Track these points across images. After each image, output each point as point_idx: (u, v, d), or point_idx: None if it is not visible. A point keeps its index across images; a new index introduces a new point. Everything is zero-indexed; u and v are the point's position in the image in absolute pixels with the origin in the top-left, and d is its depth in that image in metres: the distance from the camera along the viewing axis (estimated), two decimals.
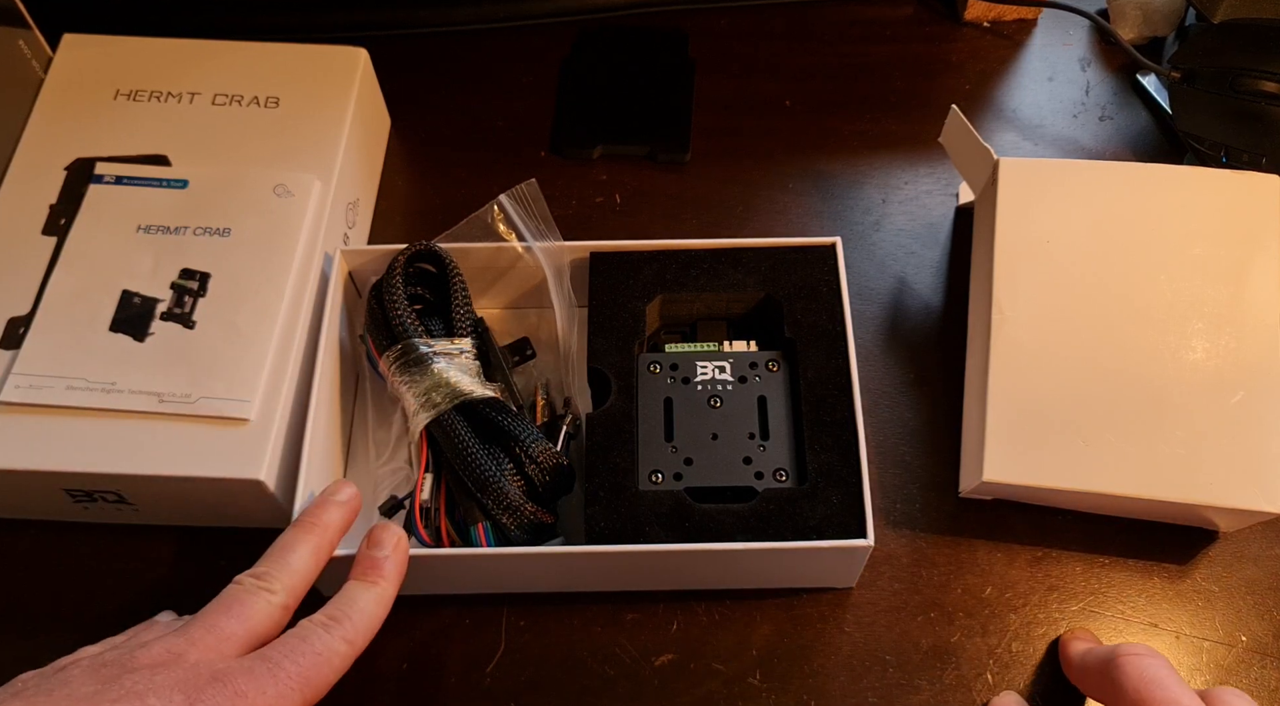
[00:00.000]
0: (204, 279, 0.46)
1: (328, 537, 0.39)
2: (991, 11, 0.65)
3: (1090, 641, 0.44)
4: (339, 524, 0.40)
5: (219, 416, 0.43)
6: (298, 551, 0.38)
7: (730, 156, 0.60)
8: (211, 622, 0.35)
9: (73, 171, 0.49)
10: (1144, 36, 0.63)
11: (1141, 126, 0.61)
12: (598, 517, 0.42)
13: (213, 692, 0.32)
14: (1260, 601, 0.46)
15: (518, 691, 0.44)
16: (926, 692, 0.44)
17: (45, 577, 0.46)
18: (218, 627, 0.34)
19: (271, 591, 0.36)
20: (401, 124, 0.61)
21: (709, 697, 0.44)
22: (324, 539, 0.39)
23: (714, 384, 0.46)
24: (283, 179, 0.49)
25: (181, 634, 0.34)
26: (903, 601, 0.46)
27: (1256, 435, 0.44)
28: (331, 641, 0.35)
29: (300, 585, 0.37)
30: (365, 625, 0.37)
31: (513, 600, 0.46)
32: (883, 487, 0.49)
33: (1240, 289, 0.47)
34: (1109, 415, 0.45)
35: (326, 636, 0.35)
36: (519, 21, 0.64)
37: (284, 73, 0.53)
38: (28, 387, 0.43)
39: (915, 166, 0.59)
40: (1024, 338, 0.47)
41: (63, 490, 0.44)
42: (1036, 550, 0.48)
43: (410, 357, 0.44)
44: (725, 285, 0.48)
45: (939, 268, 0.56)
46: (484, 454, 0.42)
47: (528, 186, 0.49)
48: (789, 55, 0.64)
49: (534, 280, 0.50)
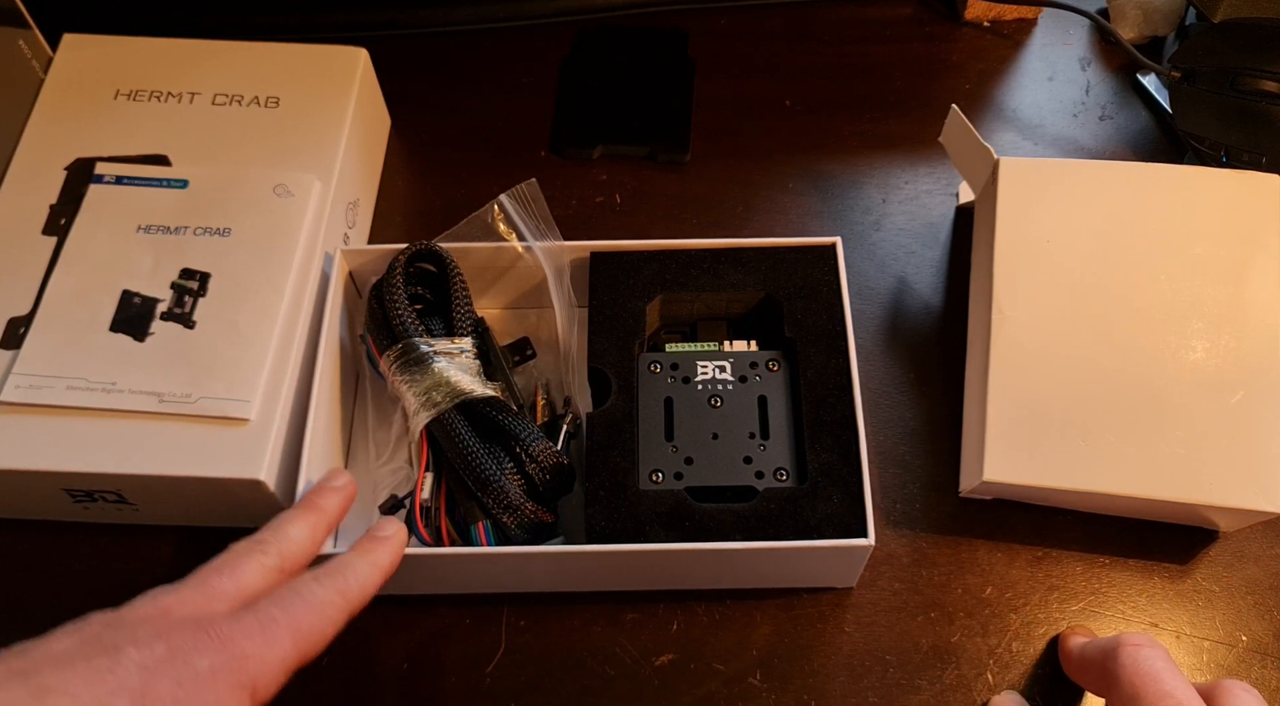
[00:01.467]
0: (204, 279, 0.46)
1: (325, 519, 0.39)
2: (991, 11, 0.65)
3: (1089, 638, 0.44)
4: (336, 508, 0.40)
5: (219, 416, 0.43)
6: (296, 524, 0.38)
7: (730, 156, 0.60)
8: (202, 578, 0.34)
9: (73, 171, 0.49)
10: (1144, 36, 0.63)
11: (1141, 126, 0.61)
12: (598, 517, 0.42)
13: (196, 639, 0.32)
14: (1260, 601, 0.46)
15: (518, 691, 0.44)
16: (927, 692, 0.44)
17: (45, 577, 0.46)
18: (208, 583, 0.34)
19: (265, 553, 0.36)
20: (401, 124, 0.61)
21: (709, 697, 0.44)
22: (321, 518, 0.39)
23: (714, 383, 0.46)
24: (283, 179, 0.49)
25: (170, 591, 0.34)
26: (903, 601, 0.46)
27: (1256, 435, 0.44)
28: (323, 592, 0.35)
29: (296, 553, 0.37)
30: (359, 583, 0.37)
31: (513, 600, 0.46)
32: (883, 487, 0.49)
33: (1240, 289, 0.47)
34: (1109, 415, 0.45)
35: (318, 587, 0.35)
36: (519, 21, 0.64)
37: (284, 73, 0.53)
38: (28, 387, 0.43)
39: (915, 166, 0.59)
40: (1024, 338, 0.47)
41: (63, 490, 0.44)
42: (1037, 550, 0.48)
43: (410, 357, 0.44)
44: (725, 285, 0.48)
45: (939, 267, 0.56)
46: (484, 453, 0.42)
47: (528, 186, 0.49)
48: (789, 55, 0.64)
49: (534, 280, 0.50)
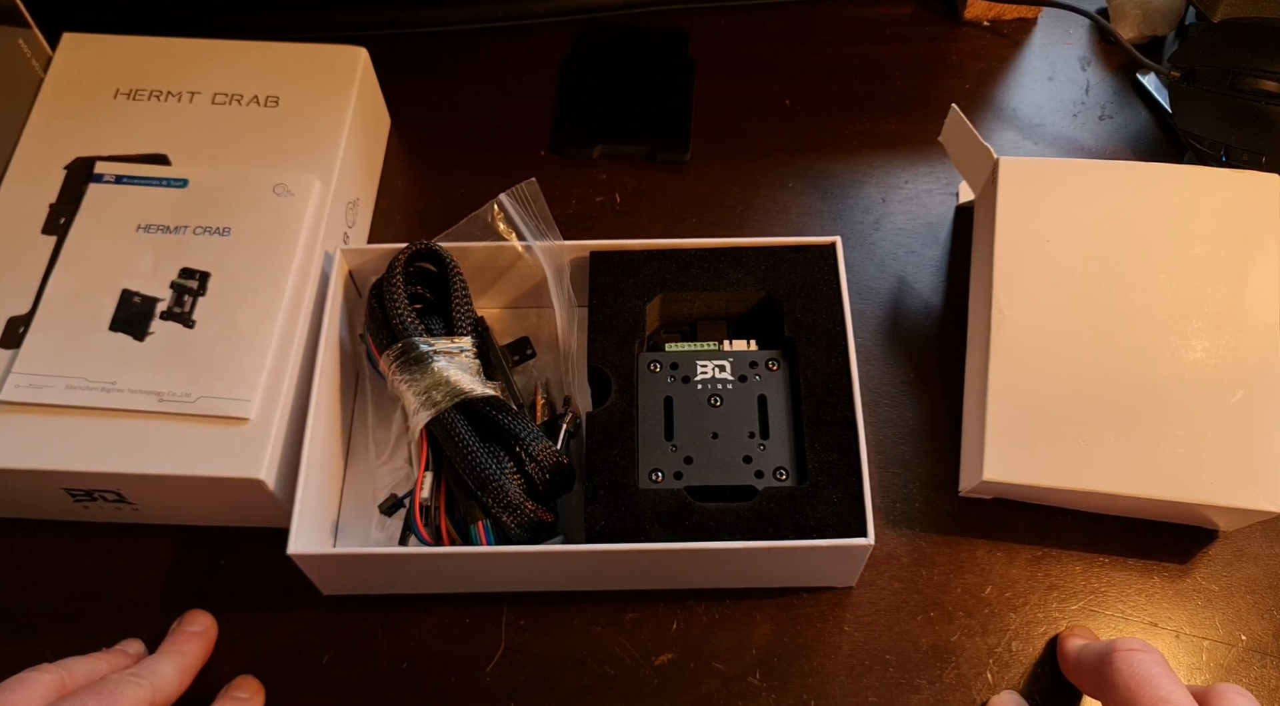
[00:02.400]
0: (204, 278, 0.46)
1: (191, 661, 0.42)
2: (991, 11, 0.65)
3: (1088, 638, 0.44)
4: (199, 651, 0.43)
5: (219, 416, 0.43)
6: (164, 663, 0.41)
7: (730, 156, 0.60)
8: (80, 702, 0.37)
9: (72, 171, 0.49)
10: (1144, 35, 0.63)
11: (1141, 126, 0.61)
12: (598, 516, 0.42)
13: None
14: (1260, 600, 0.46)
15: (518, 691, 0.44)
16: (926, 692, 0.44)
17: (45, 577, 0.46)
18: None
19: (140, 679, 0.39)
20: (401, 124, 0.61)
21: (709, 697, 0.44)
22: (188, 661, 0.42)
23: (714, 383, 0.46)
24: (283, 178, 0.49)
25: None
26: (903, 601, 0.46)
27: (1256, 434, 0.44)
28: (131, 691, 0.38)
29: (166, 686, 0.40)
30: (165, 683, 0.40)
31: (513, 599, 0.46)
32: (883, 487, 0.49)
33: (1240, 288, 0.47)
34: (1109, 414, 0.45)
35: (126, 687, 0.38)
36: (519, 21, 0.64)
37: (284, 73, 0.53)
38: (28, 387, 0.43)
39: (915, 166, 0.59)
40: (1024, 337, 0.47)
41: (63, 490, 0.44)
42: (1036, 549, 0.48)
43: (410, 356, 0.44)
44: (725, 285, 0.48)
45: (939, 267, 0.56)
46: (484, 452, 0.42)
47: (528, 186, 0.49)
48: (789, 55, 0.64)
49: (534, 280, 0.50)
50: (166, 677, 0.40)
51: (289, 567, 0.42)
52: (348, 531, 0.47)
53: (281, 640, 0.45)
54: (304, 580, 0.44)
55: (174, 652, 0.42)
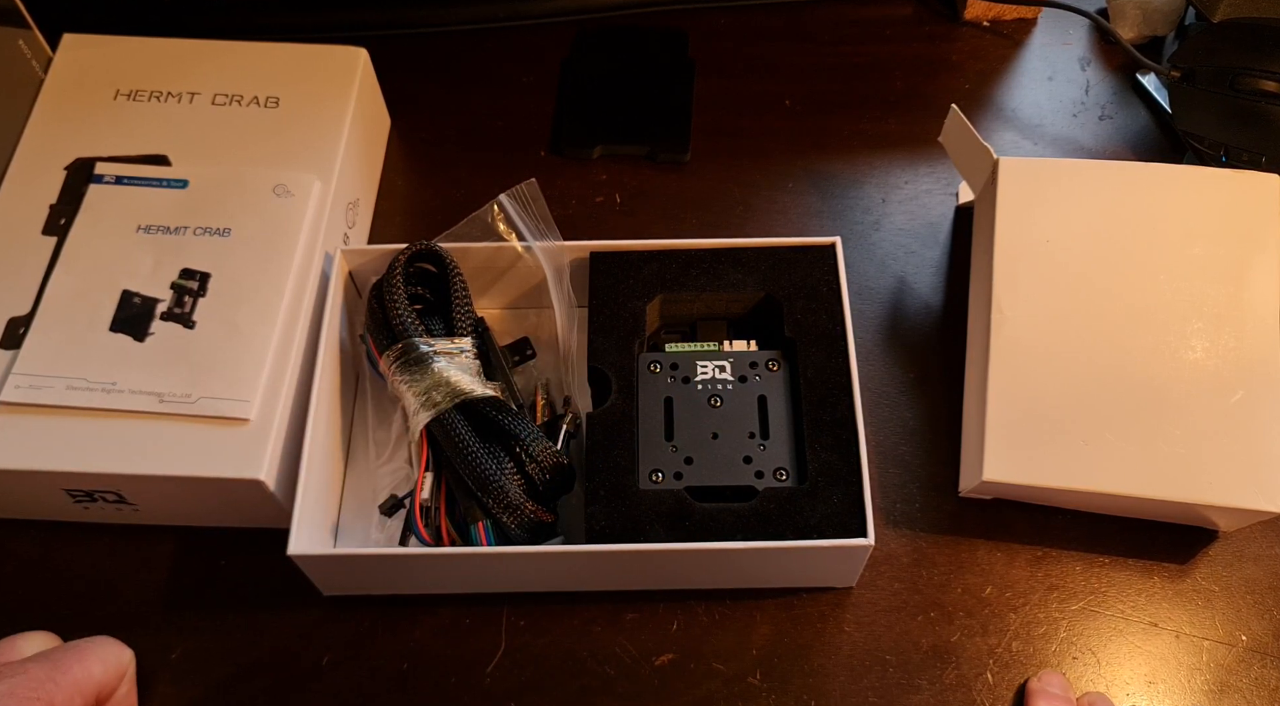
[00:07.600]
0: (204, 279, 0.46)
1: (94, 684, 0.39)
2: (991, 11, 0.65)
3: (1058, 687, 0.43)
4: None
5: (219, 416, 0.43)
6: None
7: (730, 156, 0.60)
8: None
9: (73, 171, 0.49)
10: (1144, 36, 0.63)
11: (1141, 126, 0.61)
12: (598, 516, 0.42)
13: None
14: (1260, 601, 0.46)
15: (518, 691, 0.44)
16: (926, 692, 0.44)
17: (45, 577, 0.46)
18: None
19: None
20: (401, 124, 0.61)
21: (709, 697, 0.44)
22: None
23: (714, 383, 0.46)
24: (283, 179, 0.49)
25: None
26: (903, 601, 0.46)
27: (1256, 435, 0.44)
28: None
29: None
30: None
31: (513, 600, 0.46)
32: (883, 487, 0.49)
33: (1240, 289, 0.47)
34: (1109, 415, 0.45)
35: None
36: (519, 21, 0.64)
37: (284, 73, 0.53)
38: (28, 387, 0.43)
39: (915, 166, 0.59)
40: (1024, 337, 0.47)
41: (63, 490, 0.44)
42: (1036, 550, 0.48)
43: (410, 357, 0.44)
44: (725, 285, 0.48)
45: (939, 267, 0.56)
46: (484, 453, 0.42)
47: (528, 186, 0.49)
48: (789, 55, 0.64)
49: (534, 280, 0.50)
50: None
51: (289, 568, 0.42)
52: (348, 532, 0.47)
53: (281, 640, 0.45)
54: (304, 580, 0.44)
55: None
